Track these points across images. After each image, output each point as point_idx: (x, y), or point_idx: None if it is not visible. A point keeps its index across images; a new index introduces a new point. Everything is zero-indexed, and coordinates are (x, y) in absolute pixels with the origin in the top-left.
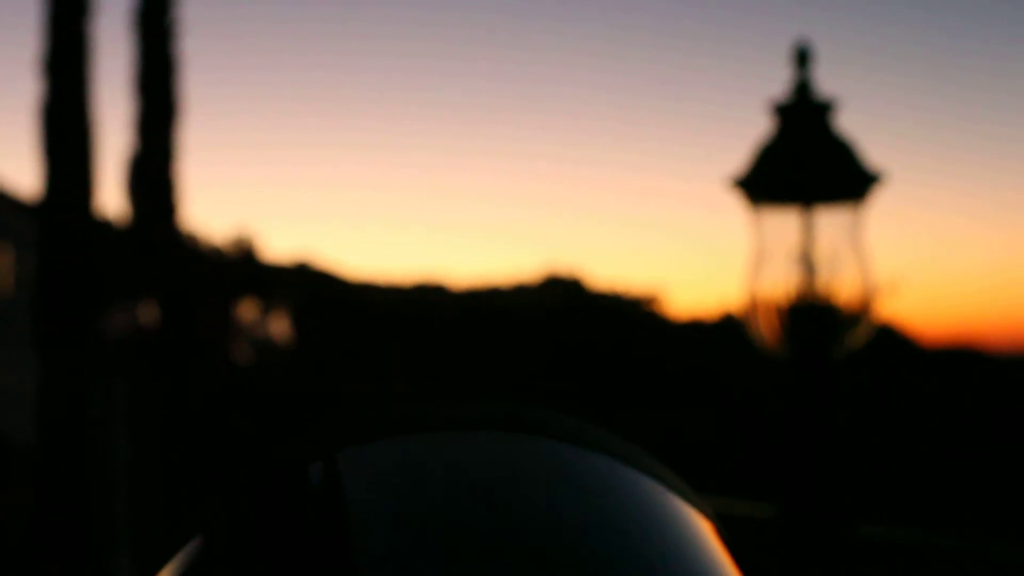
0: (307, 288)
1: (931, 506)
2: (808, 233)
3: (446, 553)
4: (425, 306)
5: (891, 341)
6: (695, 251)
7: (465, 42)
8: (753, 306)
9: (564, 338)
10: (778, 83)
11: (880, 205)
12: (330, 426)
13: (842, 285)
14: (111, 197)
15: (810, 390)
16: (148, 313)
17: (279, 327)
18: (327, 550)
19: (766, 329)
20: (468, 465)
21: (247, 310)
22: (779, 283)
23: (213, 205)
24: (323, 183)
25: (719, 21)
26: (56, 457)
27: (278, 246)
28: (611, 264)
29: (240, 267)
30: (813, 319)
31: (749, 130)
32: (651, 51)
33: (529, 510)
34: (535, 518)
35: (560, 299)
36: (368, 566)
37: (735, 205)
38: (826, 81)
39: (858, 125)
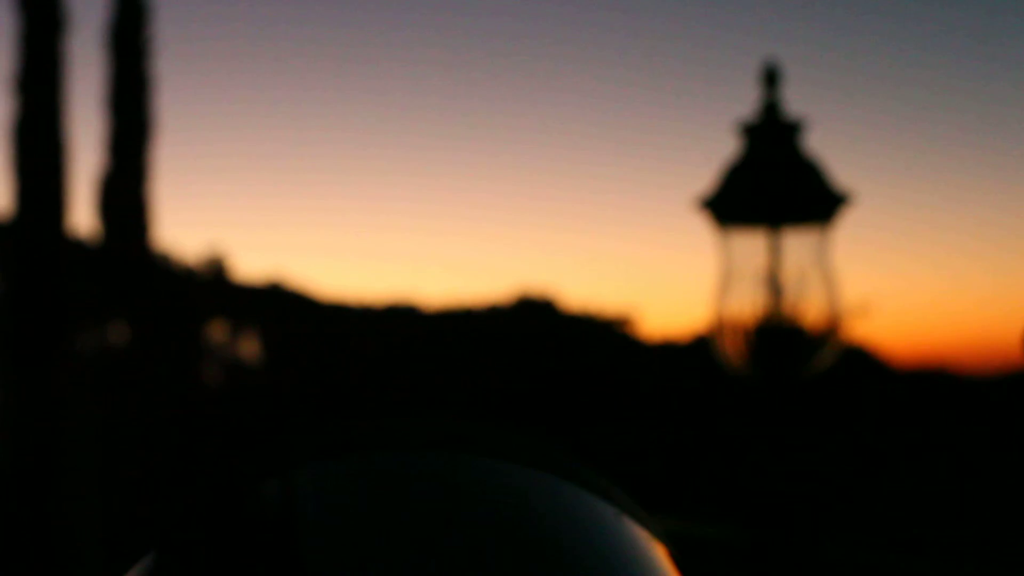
0: (279, 309)
1: (902, 528)
2: (775, 254)
3: (394, 571)
4: (397, 327)
5: (862, 362)
6: (668, 272)
7: (436, 67)
8: (720, 327)
9: (537, 359)
10: (748, 104)
11: (850, 227)
12: (286, 443)
13: (809, 306)
14: (83, 216)
15: (777, 411)
16: (119, 333)
17: (250, 347)
18: (279, 568)
19: (733, 350)
20: (421, 485)
21: (218, 330)
22: (746, 304)
23: (186, 225)
24: (296, 204)
25: (688, 43)
26: (27, 475)
27: (250, 266)
28: (584, 286)
29: (211, 287)
30: (779, 340)
31: (723, 151)
32: (620, 73)
33: (479, 532)
34: (484, 540)
35: (533, 321)
36: None
37: (706, 226)
38: (794, 102)
39: (827, 146)
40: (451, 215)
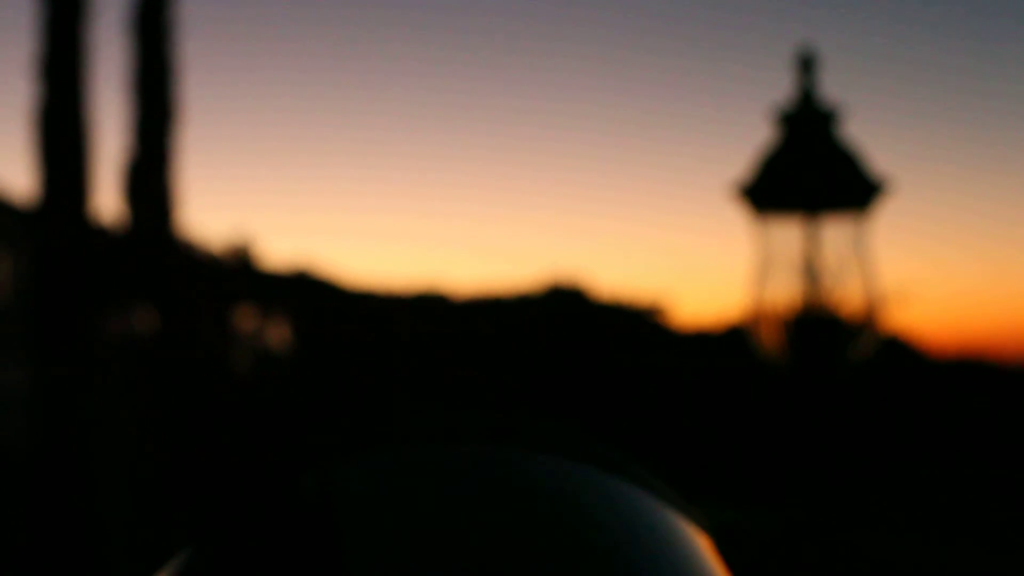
0: (306, 296)
1: (938, 515)
2: (812, 242)
3: (436, 567)
4: (427, 315)
5: (900, 351)
6: (702, 261)
7: (466, 51)
8: (756, 316)
9: (568, 348)
10: (781, 89)
11: (890, 214)
12: (324, 436)
13: (847, 295)
14: (108, 202)
15: (814, 400)
16: (145, 319)
17: (277, 335)
18: (317, 563)
19: (769, 339)
20: (461, 478)
21: (245, 317)
22: (783, 293)
23: (212, 210)
24: (324, 190)
25: (721, 29)
26: (50, 462)
27: (277, 253)
28: (616, 275)
29: (238, 273)
30: (817, 329)
31: (756, 137)
32: (653, 60)
33: (520, 525)
34: (526, 533)
35: (564, 310)
36: None
37: (741, 214)
38: (832, 88)
39: (867, 133)
40: (482, 204)
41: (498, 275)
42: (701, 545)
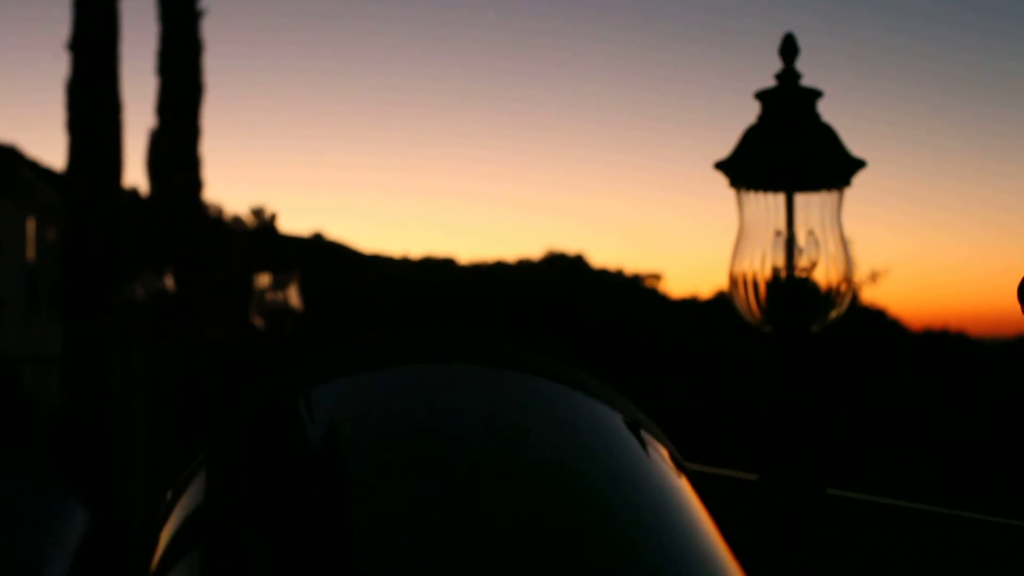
0: (322, 258)
1: (911, 477)
2: (790, 214)
3: (424, 477)
4: (433, 278)
5: (879, 323)
6: (694, 231)
7: (472, 28)
8: (737, 282)
9: (565, 311)
10: (772, 71)
11: (870, 193)
12: (323, 360)
13: (821, 265)
14: (136, 172)
15: (788, 361)
16: (169, 282)
17: (293, 297)
18: (315, 477)
19: (748, 304)
20: (448, 397)
21: (263, 280)
22: (761, 261)
23: (234, 181)
24: (338, 160)
25: (720, 10)
26: (78, 416)
27: (294, 220)
28: (613, 243)
29: (257, 239)
30: (792, 296)
31: (748, 115)
32: (653, 36)
33: (507, 441)
34: (517, 450)
35: (562, 274)
36: (351, 486)
37: (728, 187)
38: (818, 78)
39: (842, 116)
40: (486, 174)
41: (501, 241)
42: (666, 459)
